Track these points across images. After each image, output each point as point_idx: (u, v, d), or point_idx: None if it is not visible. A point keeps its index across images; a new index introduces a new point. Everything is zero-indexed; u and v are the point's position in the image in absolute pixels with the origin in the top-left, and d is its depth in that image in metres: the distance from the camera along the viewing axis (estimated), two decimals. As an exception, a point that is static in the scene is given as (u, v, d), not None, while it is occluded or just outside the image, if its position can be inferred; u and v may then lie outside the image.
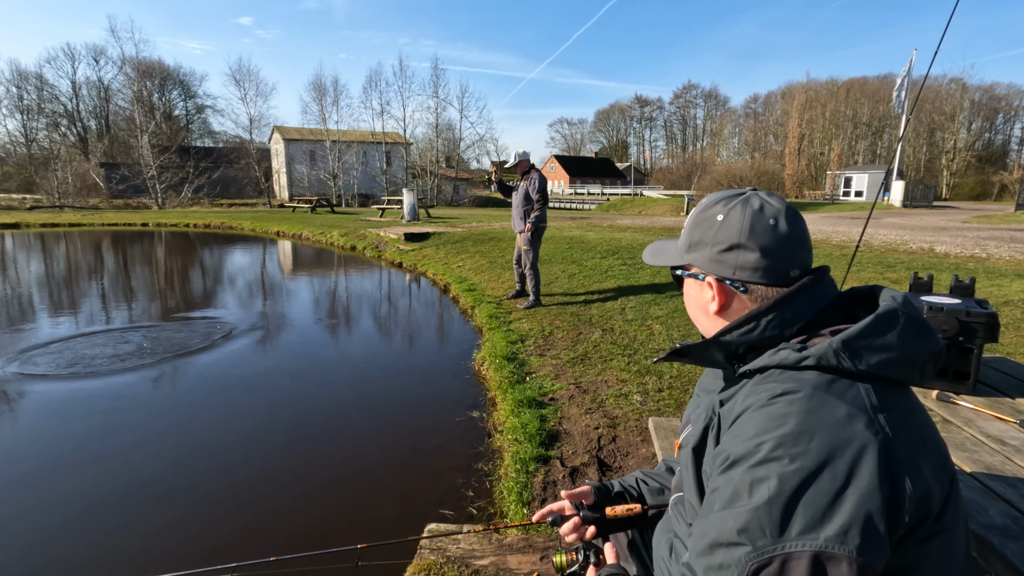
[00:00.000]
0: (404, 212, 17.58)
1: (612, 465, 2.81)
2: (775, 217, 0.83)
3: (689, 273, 0.92)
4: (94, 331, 5.69)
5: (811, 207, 28.37)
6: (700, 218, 0.89)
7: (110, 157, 42.22)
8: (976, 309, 2.01)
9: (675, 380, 3.74)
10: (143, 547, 2.42)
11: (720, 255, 0.85)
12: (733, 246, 0.84)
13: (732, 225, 0.84)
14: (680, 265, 0.94)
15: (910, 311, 0.74)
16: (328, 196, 34.29)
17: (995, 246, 9.26)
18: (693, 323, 0.98)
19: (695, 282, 0.91)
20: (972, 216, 19.48)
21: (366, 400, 4.00)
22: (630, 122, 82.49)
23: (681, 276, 0.95)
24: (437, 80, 42.83)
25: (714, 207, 0.88)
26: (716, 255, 0.86)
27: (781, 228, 0.82)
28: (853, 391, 0.69)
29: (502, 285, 7.29)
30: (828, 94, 53.37)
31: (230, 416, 3.72)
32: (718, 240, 0.86)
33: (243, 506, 2.74)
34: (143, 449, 3.25)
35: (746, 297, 0.85)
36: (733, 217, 0.84)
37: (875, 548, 0.61)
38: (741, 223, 0.83)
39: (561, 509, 1.17)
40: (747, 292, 0.85)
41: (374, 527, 2.59)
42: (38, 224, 20.50)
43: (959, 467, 1.54)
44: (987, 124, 53.36)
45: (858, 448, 0.63)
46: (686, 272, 0.93)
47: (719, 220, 0.86)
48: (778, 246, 0.82)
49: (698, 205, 0.93)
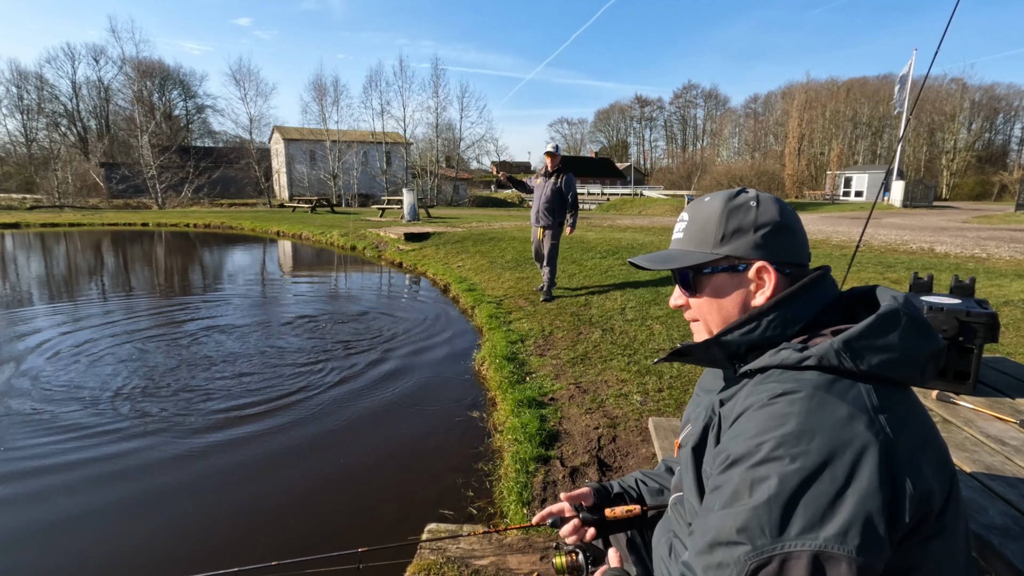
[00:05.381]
0: (404, 212, 17.59)
1: (612, 465, 2.81)
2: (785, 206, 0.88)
3: (724, 268, 0.86)
4: (88, 326, 5.71)
5: (811, 207, 28.36)
6: (731, 207, 0.86)
7: (110, 157, 42.17)
8: (976, 309, 2.01)
9: (675, 380, 3.74)
10: (141, 552, 2.39)
11: (765, 238, 0.84)
12: (778, 227, 0.84)
13: (770, 208, 0.85)
14: (709, 262, 0.86)
15: (911, 311, 0.75)
16: (328, 196, 34.26)
17: (995, 246, 9.26)
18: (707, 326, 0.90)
19: (730, 276, 0.85)
20: (972, 216, 19.47)
21: (365, 400, 4.00)
22: (630, 122, 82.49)
23: (704, 277, 0.88)
24: (437, 80, 43.03)
25: (739, 196, 0.87)
26: (760, 238, 0.84)
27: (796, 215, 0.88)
28: (854, 391, 0.69)
29: (502, 285, 7.29)
30: (828, 94, 53.37)
31: (228, 416, 3.72)
32: (761, 223, 0.84)
33: (243, 507, 2.74)
34: (140, 452, 3.25)
35: (784, 281, 0.85)
36: (766, 202, 0.86)
37: (875, 548, 0.61)
38: (777, 207, 0.85)
39: (561, 511, 1.17)
40: (789, 275, 0.85)
41: (374, 527, 2.59)
42: (38, 224, 20.50)
43: (959, 467, 1.54)
44: (987, 124, 53.37)
45: (859, 448, 0.63)
46: (719, 268, 0.86)
47: (753, 205, 0.85)
48: (802, 230, 0.88)
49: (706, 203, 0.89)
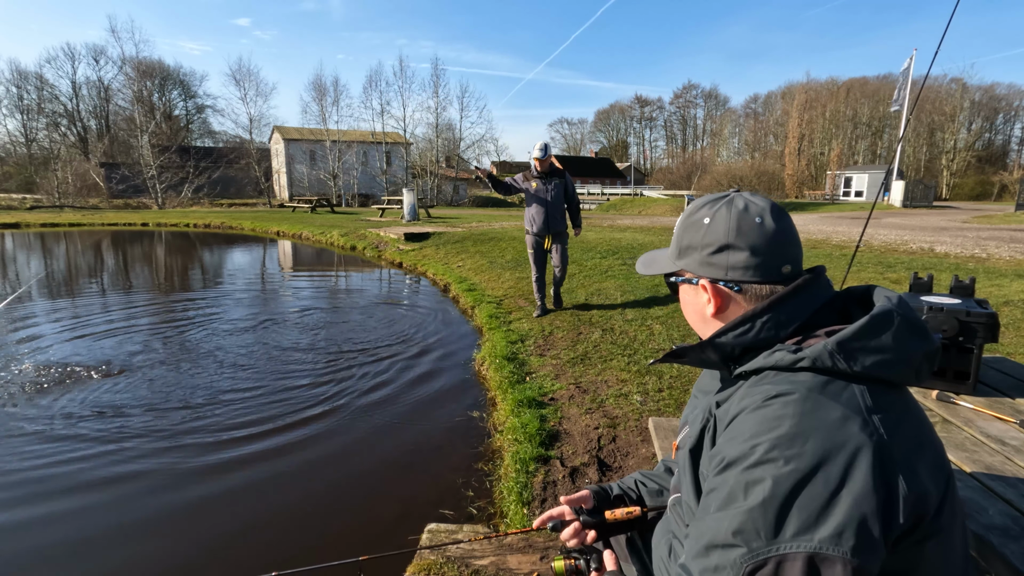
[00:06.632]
0: (404, 212, 17.60)
1: (612, 465, 2.81)
2: (760, 215, 0.84)
3: (683, 279, 0.92)
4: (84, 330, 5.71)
5: (811, 207, 28.34)
6: (687, 223, 0.90)
7: (110, 157, 42.18)
8: (976, 309, 2.02)
9: (675, 380, 3.74)
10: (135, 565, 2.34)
11: (710, 257, 0.86)
12: (722, 247, 0.85)
13: (719, 226, 0.85)
14: (674, 272, 0.94)
15: (905, 312, 0.75)
16: (328, 196, 34.26)
17: (995, 246, 9.26)
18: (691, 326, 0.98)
19: (690, 287, 0.92)
20: (972, 216, 19.45)
21: (365, 399, 4.00)
22: (630, 122, 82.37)
23: (675, 283, 0.95)
24: (437, 80, 42.92)
25: (699, 211, 0.89)
26: (706, 257, 0.87)
27: (767, 225, 0.83)
28: (848, 393, 0.69)
29: (502, 285, 7.29)
30: (828, 94, 53.34)
31: (226, 418, 3.72)
32: (707, 243, 0.87)
33: (243, 508, 2.74)
34: (134, 462, 3.24)
35: (741, 297, 0.86)
36: (719, 219, 0.85)
37: (869, 550, 0.61)
38: (728, 224, 0.84)
39: (561, 514, 1.17)
40: (742, 292, 0.85)
41: (374, 527, 2.59)
42: (38, 224, 20.51)
43: (959, 467, 1.54)
44: (987, 124, 53.35)
45: (852, 450, 0.63)
46: (680, 278, 0.93)
47: (706, 223, 0.87)
48: (766, 243, 0.83)
49: (685, 211, 0.94)
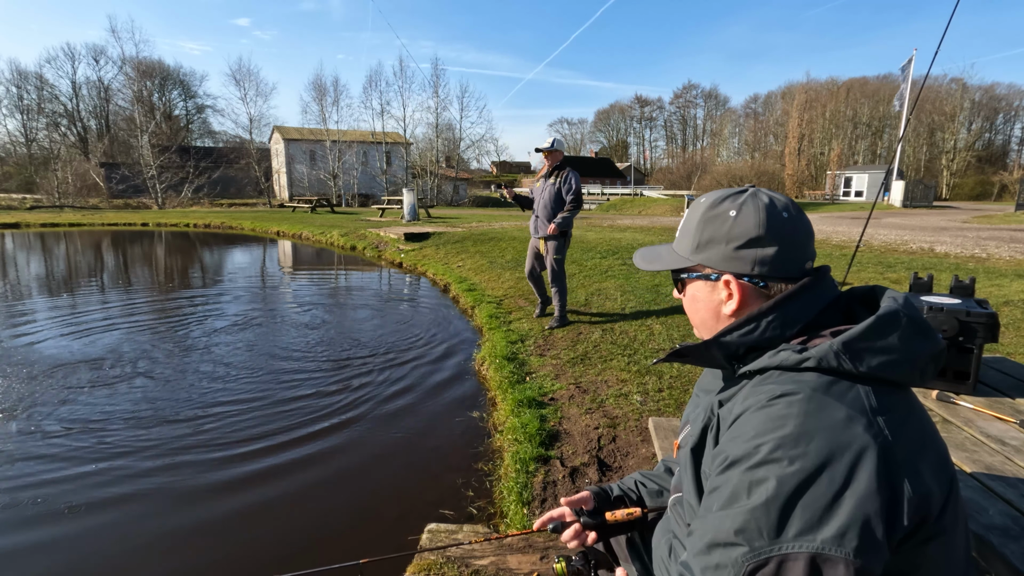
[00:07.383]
0: (404, 212, 17.60)
1: (612, 465, 2.81)
2: (787, 210, 0.83)
3: (698, 275, 0.89)
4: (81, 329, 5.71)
5: (811, 207, 28.33)
6: (708, 216, 0.87)
7: (110, 157, 42.16)
8: (976, 309, 2.02)
9: (675, 380, 3.74)
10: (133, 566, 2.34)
11: (737, 251, 0.84)
12: (752, 240, 0.83)
13: (748, 220, 0.83)
14: (684, 268, 0.91)
15: (911, 312, 0.74)
16: (328, 196, 34.25)
17: (995, 246, 9.26)
18: (696, 326, 0.95)
19: (705, 283, 0.89)
20: (972, 216, 19.46)
21: (365, 400, 4.00)
22: (630, 122, 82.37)
23: (685, 279, 0.92)
24: (437, 80, 42.83)
25: (722, 204, 0.86)
26: (732, 252, 0.84)
27: (794, 219, 0.83)
28: (853, 393, 0.69)
29: (502, 285, 7.29)
30: (828, 94, 53.36)
31: (225, 419, 3.71)
32: (734, 236, 0.84)
33: (242, 508, 2.73)
34: (131, 466, 3.24)
35: (764, 293, 0.84)
36: (747, 212, 0.83)
37: (872, 551, 0.60)
38: (757, 217, 0.82)
39: (561, 516, 1.17)
40: (766, 288, 0.84)
41: (374, 527, 2.59)
42: (38, 224, 20.50)
43: (959, 467, 1.54)
44: (987, 124, 53.38)
45: (857, 451, 0.63)
46: (693, 275, 0.90)
47: (732, 215, 0.84)
48: (794, 237, 0.83)
49: (698, 205, 0.90)
